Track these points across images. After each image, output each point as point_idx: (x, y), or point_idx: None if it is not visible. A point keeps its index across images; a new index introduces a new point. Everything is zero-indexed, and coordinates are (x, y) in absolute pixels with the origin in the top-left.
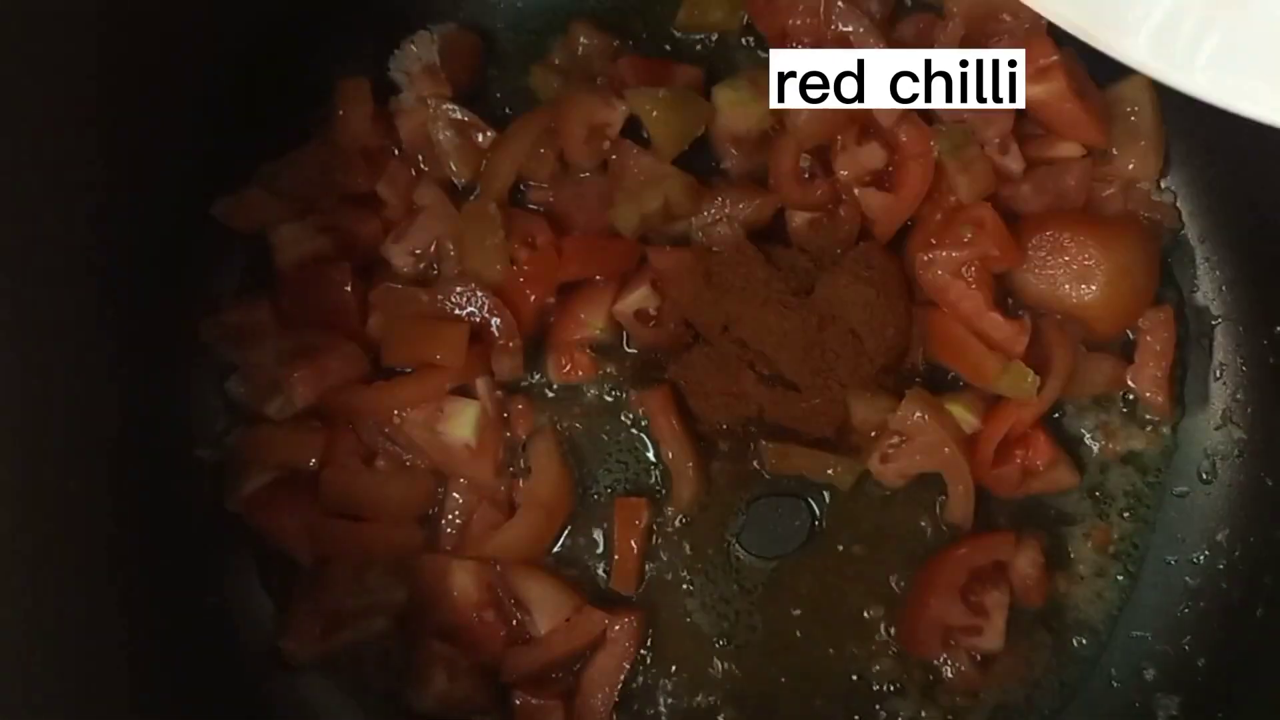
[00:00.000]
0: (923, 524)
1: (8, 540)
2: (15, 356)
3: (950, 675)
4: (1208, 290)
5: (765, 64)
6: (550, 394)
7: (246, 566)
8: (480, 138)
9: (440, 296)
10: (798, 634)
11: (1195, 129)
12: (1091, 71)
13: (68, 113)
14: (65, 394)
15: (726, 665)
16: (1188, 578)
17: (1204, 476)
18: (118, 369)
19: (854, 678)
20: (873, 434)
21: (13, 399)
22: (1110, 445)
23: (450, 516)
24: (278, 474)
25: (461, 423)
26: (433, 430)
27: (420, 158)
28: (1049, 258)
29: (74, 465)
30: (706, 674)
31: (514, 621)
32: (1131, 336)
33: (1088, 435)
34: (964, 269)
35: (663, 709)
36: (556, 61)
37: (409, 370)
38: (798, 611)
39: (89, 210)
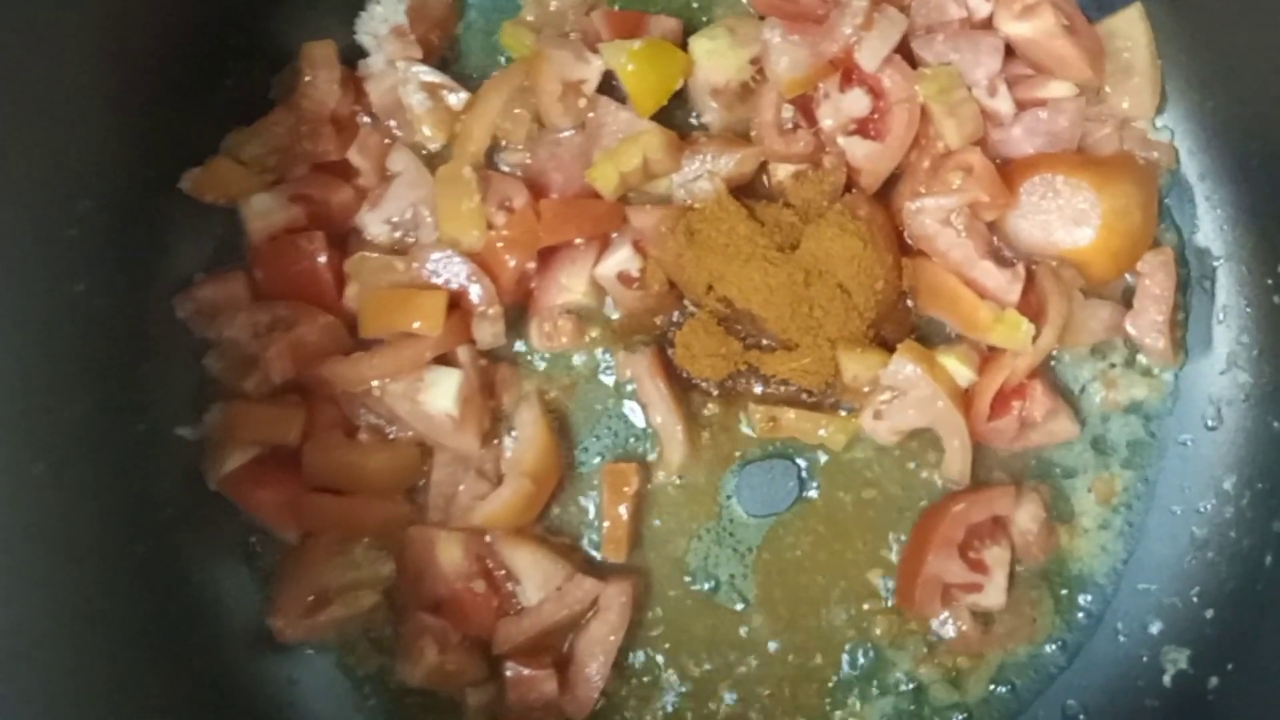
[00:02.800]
0: (919, 481)
1: None
2: None
3: (951, 634)
4: (1208, 230)
5: (744, 11)
6: (534, 361)
7: (230, 545)
8: (453, 100)
9: (417, 264)
10: (794, 595)
11: (1191, 61)
12: (1082, 6)
13: (25, 85)
14: (40, 375)
15: (721, 627)
16: (1194, 527)
17: (1209, 423)
18: (92, 348)
19: (852, 636)
20: (864, 390)
21: None
22: (1111, 394)
23: (436, 488)
24: (259, 450)
25: (442, 392)
26: (414, 401)
27: (392, 123)
28: (1042, 202)
29: (51, 446)
30: (702, 638)
31: (504, 592)
32: (1130, 281)
33: (1087, 385)
34: (953, 217)
35: (659, 674)
36: (528, 18)
37: (387, 341)
38: (793, 572)
39: (54, 187)
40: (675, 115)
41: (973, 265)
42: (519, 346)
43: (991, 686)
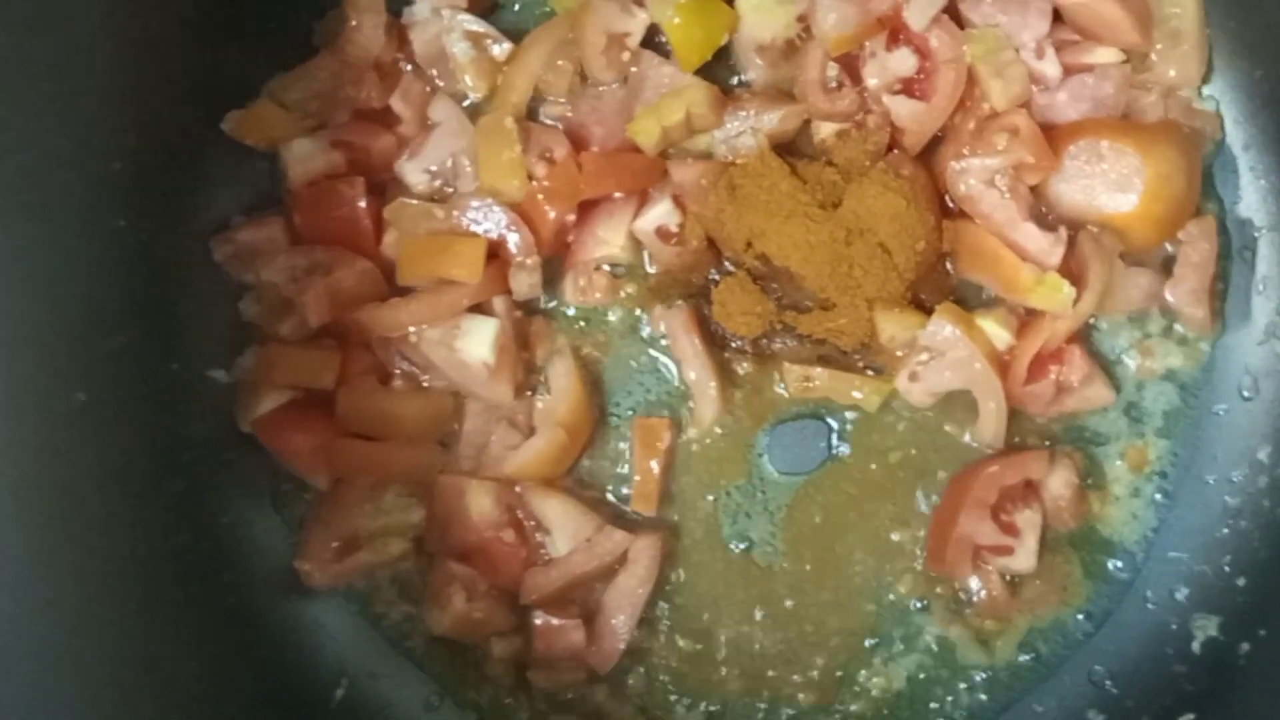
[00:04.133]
0: (951, 444)
1: (20, 451)
2: (28, 274)
3: (980, 597)
4: (1251, 200)
5: None
6: (569, 314)
7: (260, 488)
8: (496, 50)
9: (457, 212)
10: (823, 554)
11: (1240, 29)
12: None
13: (73, 23)
14: (78, 313)
15: (750, 584)
16: (1227, 497)
17: (1244, 394)
18: (129, 289)
19: (881, 596)
20: (899, 352)
21: (25, 317)
22: (1147, 362)
23: (468, 437)
24: (293, 395)
25: (479, 340)
26: (450, 348)
27: (434, 72)
28: (1086, 166)
29: (90, 377)
30: (730, 594)
31: (533, 542)
32: (1170, 250)
33: (1124, 352)
34: (997, 178)
35: (685, 629)
36: None
37: (424, 288)
38: (823, 531)
39: (96, 126)
40: (718, 71)
41: (1015, 227)
42: (553, 300)
43: (1019, 650)
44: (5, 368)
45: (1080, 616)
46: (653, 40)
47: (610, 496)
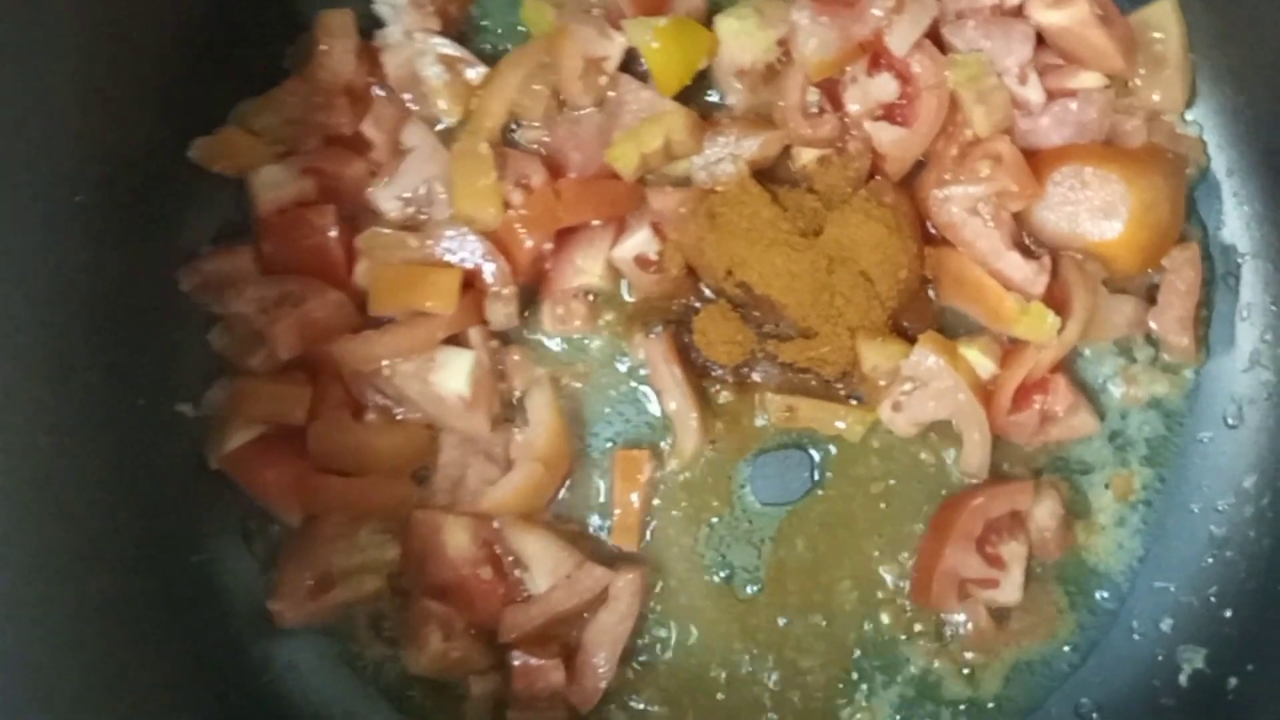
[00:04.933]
0: (934, 474)
1: None
2: None
3: (965, 630)
4: (1234, 226)
5: None
6: (546, 344)
7: (232, 526)
8: (470, 74)
9: (431, 241)
10: (806, 586)
11: (1223, 55)
12: None
13: (36, 49)
14: (41, 346)
15: (732, 618)
16: (1213, 526)
17: (1230, 421)
18: (94, 321)
19: (864, 629)
20: (882, 382)
21: None
22: (1131, 390)
23: (444, 471)
24: (263, 429)
25: (454, 373)
26: (425, 381)
27: (407, 96)
28: (1070, 193)
29: (52, 420)
30: (712, 628)
31: (511, 579)
32: (1154, 277)
33: (1108, 380)
34: (980, 206)
35: (668, 664)
36: None
37: (397, 320)
38: (806, 563)
39: (59, 151)
40: (697, 95)
41: (999, 256)
42: (530, 329)
43: (1005, 683)
44: None
45: (1066, 648)
46: (631, 65)
47: (590, 529)
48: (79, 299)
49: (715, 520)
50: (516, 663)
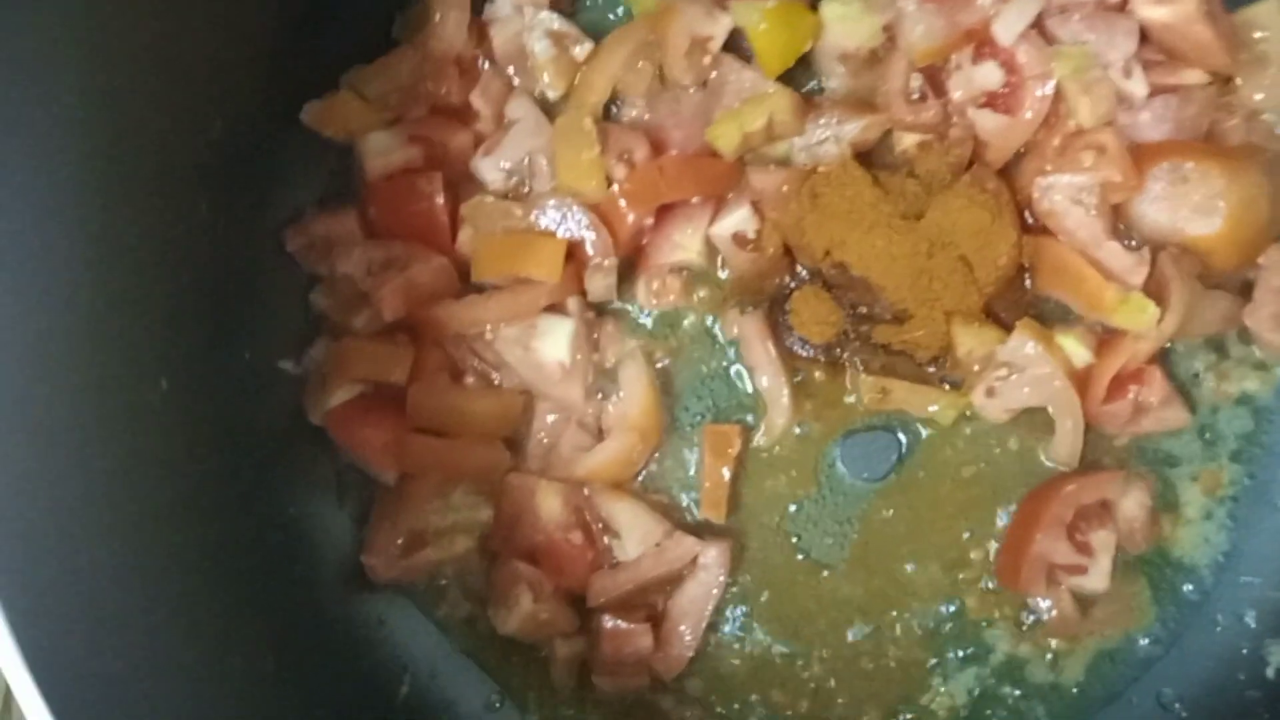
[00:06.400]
0: (1022, 461)
1: (91, 434)
2: (101, 259)
3: (1050, 616)
4: None
5: None
6: (640, 318)
7: (328, 482)
8: (577, 50)
9: (535, 211)
10: (890, 565)
11: None
12: None
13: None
14: (151, 301)
15: (815, 594)
16: None
17: None
18: (207, 277)
19: (947, 610)
20: (975, 367)
21: (113, 302)
22: (1222, 386)
23: (538, 437)
24: (363, 388)
25: (556, 340)
26: (526, 348)
27: (511, 69)
28: (1170, 188)
29: (159, 368)
30: (796, 603)
31: (600, 545)
32: (1249, 274)
33: (1199, 374)
34: (1083, 195)
35: (750, 636)
36: None
37: (500, 286)
38: (890, 543)
39: (186, 111)
40: (798, 77)
41: (1099, 245)
42: (625, 302)
43: (1087, 670)
44: (95, 352)
45: (1148, 640)
46: (734, 44)
47: (680, 500)
48: (196, 255)
49: (802, 497)
50: (608, 625)
